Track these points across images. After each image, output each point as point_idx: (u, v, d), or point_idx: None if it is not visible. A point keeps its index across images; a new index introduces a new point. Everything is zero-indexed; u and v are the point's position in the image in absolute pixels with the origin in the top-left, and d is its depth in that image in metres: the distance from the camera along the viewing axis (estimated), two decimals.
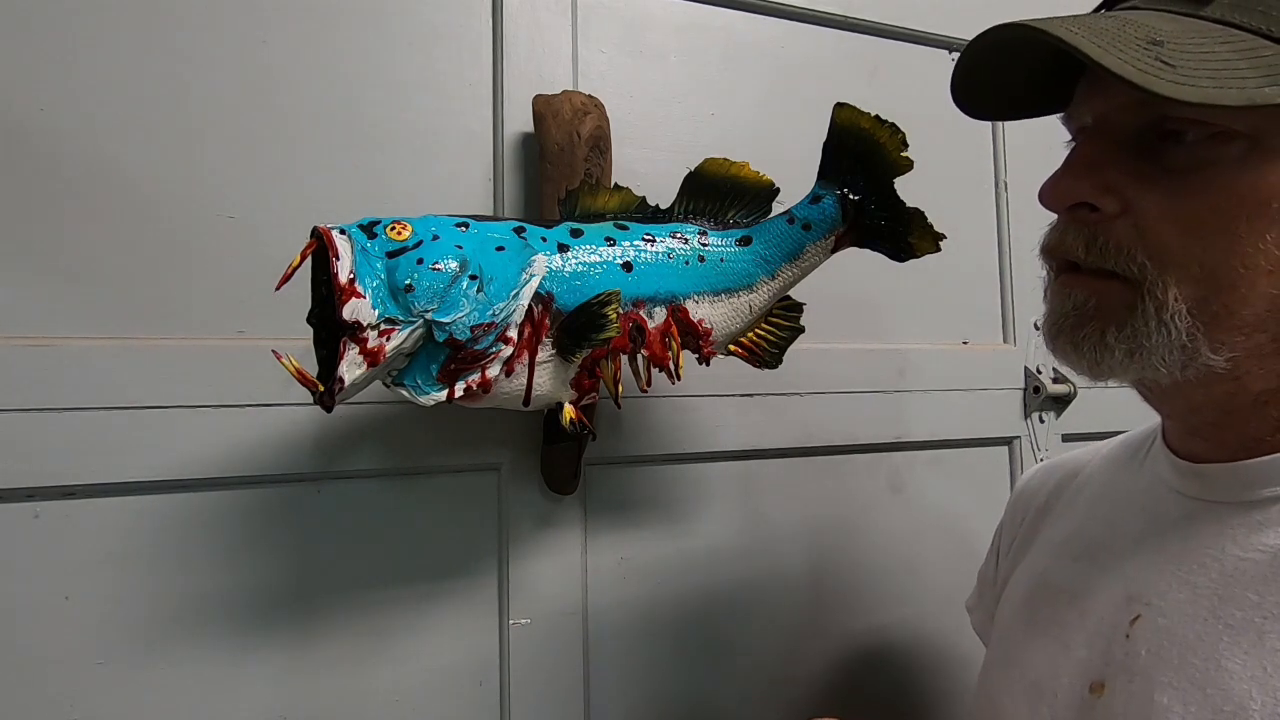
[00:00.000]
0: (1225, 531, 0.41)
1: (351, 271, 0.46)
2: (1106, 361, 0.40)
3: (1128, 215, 0.39)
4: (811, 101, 0.77)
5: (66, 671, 0.56)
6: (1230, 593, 0.39)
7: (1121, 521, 0.48)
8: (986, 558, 0.64)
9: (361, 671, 0.63)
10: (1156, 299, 0.38)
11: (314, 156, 0.64)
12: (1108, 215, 0.39)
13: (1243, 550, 0.39)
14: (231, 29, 0.63)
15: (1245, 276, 0.37)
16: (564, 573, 0.69)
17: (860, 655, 0.81)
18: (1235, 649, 0.37)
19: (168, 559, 0.58)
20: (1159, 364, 0.39)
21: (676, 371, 0.56)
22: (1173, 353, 0.39)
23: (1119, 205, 0.39)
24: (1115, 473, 0.52)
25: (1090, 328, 0.41)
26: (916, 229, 0.58)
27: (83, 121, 0.58)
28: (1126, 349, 0.39)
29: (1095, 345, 0.40)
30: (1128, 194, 0.39)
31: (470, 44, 0.70)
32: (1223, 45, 0.36)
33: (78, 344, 0.57)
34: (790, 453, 0.79)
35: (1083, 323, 0.41)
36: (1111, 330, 0.40)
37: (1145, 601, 0.42)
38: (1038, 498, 0.58)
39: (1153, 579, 0.42)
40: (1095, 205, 0.40)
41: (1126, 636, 0.42)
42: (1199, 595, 0.40)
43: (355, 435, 0.63)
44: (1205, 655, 0.38)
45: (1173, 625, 0.40)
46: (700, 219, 0.59)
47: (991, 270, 0.91)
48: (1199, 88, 0.34)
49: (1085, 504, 0.53)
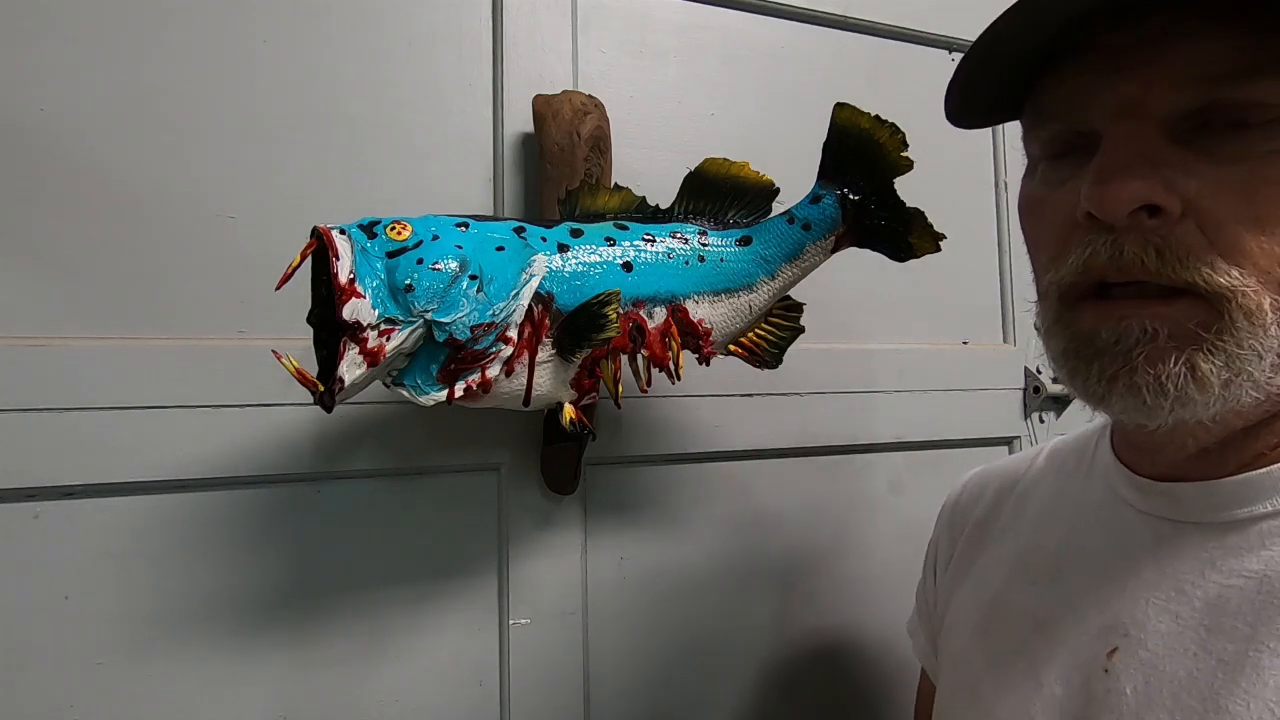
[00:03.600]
0: (1202, 555, 0.38)
1: (351, 271, 0.46)
2: (1198, 400, 0.34)
3: (1190, 216, 0.34)
4: (811, 101, 0.77)
5: (66, 671, 0.56)
6: (1218, 623, 0.36)
7: (1080, 540, 0.45)
8: (922, 577, 0.60)
9: (361, 671, 0.63)
10: (1247, 310, 0.33)
11: (314, 156, 0.64)
12: (1171, 218, 0.34)
13: (1225, 577, 0.36)
14: (231, 29, 0.62)
15: None
16: (564, 573, 0.69)
17: (861, 655, 0.81)
18: (1234, 688, 0.34)
19: (167, 559, 0.58)
20: (1249, 389, 0.34)
21: (676, 371, 0.55)
22: (1265, 373, 0.33)
23: (1181, 206, 0.34)
24: (1061, 484, 0.49)
25: (1175, 362, 0.33)
26: (916, 229, 0.58)
27: (82, 121, 0.58)
28: (1224, 379, 0.33)
29: (1186, 382, 0.33)
30: (1188, 192, 0.33)
31: (470, 44, 0.70)
32: None
33: (78, 344, 0.57)
34: (790, 453, 0.79)
35: (1160, 357, 0.34)
36: (1203, 358, 0.33)
37: (1123, 632, 0.39)
38: (974, 510, 0.54)
39: (1127, 607, 0.39)
40: (1160, 206, 0.33)
41: (1105, 671, 0.39)
42: (1183, 626, 0.37)
43: (355, 435, 0.63)
44: (1201, 696, 0.35)
45: (1157, 660, 0.37)
46: (700, 219, 0.59)
47: (991, 270, 0.91)
48: None
49: (1032, 518, 0.49)
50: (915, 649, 0.60)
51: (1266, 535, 0.36)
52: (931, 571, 0.59)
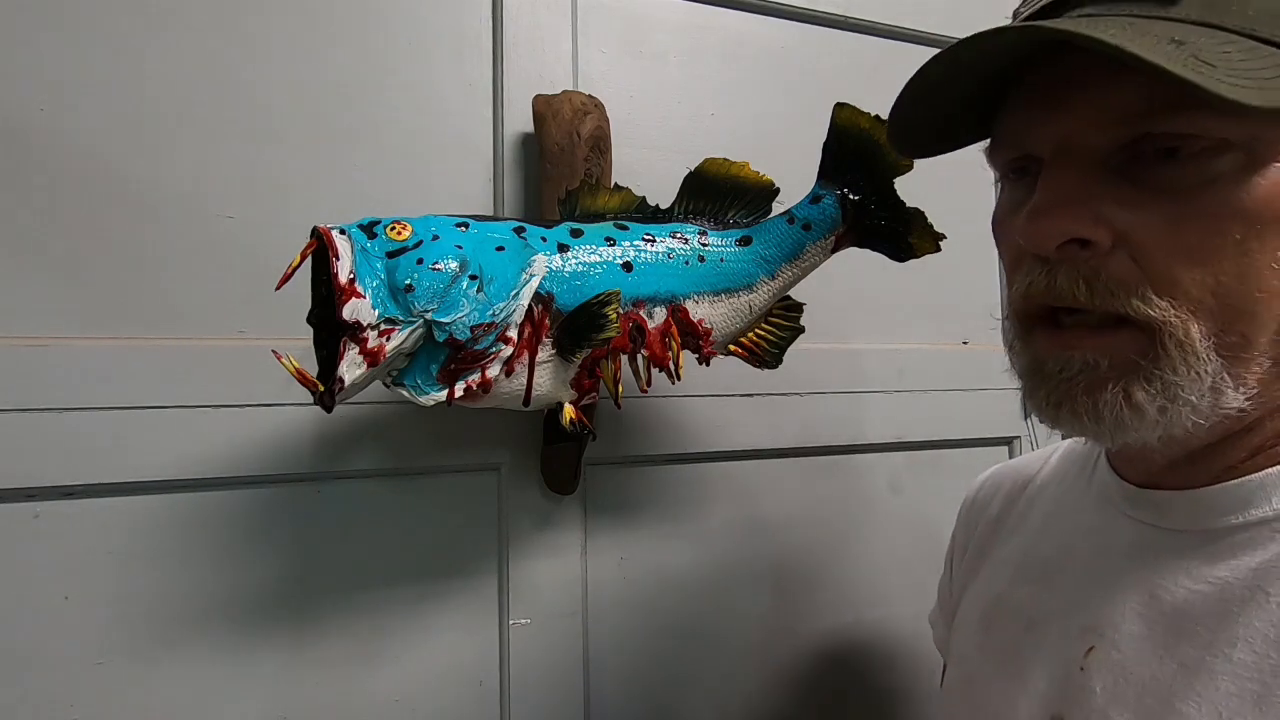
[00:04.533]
0: (1178, 562, 0.38)
1: (351, 271, 0.46)
2: (1135, 425, 0.35)
3: (1121, 248, 0.35)
4: (811, 101, 0.77)
5: (66, 671, 0.56)
6: (1182, 628, 0.37)
7: (1072, 543, 0.46)
8: (944, 571, 0.62)
9: (361, 671, 0.63)
10: (1178, 340, 0.34)
11: (314, 156, 0.64)
12: (1100, 250, 0.35)
13: (1194, 583, 0.37)
14: (232, 29, 0.63)
15: (1262, 300, 0.34)
16: (564, 573, 0.69)
17: (861, 655, 0.81)
18: (1189, 691, 0.35)
19: (167, 559, 0.58)
20: (1189, 415, 0.35)
21: (676, 371, 0.56)
22: (1204, 399, 0.34)
23: (1112, 238, 0.35)
24: (1066, 488, 0.50)
25: (1112, 390, 0.35)
26: (916, 229, 0.58)
27: (82, 121, 0.58)
28: (1159, 406, 0.34)
29: (1121, 409, 0.35)
30: (1118, 224, 0.35)
31: (470, 44, 0.70)
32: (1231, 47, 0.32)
33: (78, 344, 0.57)
34: (790, 453, 0.79)
35: (1098, 386, 0.36)
36: (1139, 387, 0.35)
37: (1099, 633, 0.40)
38: (989, 509, 0.56)
39: (1105, 609, 0.40)
40: (1088, 240, 0.35)
41: (1081, 669, 0.40)
42: (1152, 630, 0.38)
43: (355, 435, 0.63)
44: (1160, 697, 0.36)
45: (1126, 660, 0.38)
46: (700, 219, 0.59)
47: (991, 270, 0.91)
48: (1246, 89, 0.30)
49: (1037, 520, 0.51)
50: (935, 639, 0.62)
51: (1239, 545, 0.37)
52: (949, 566, 0.60)
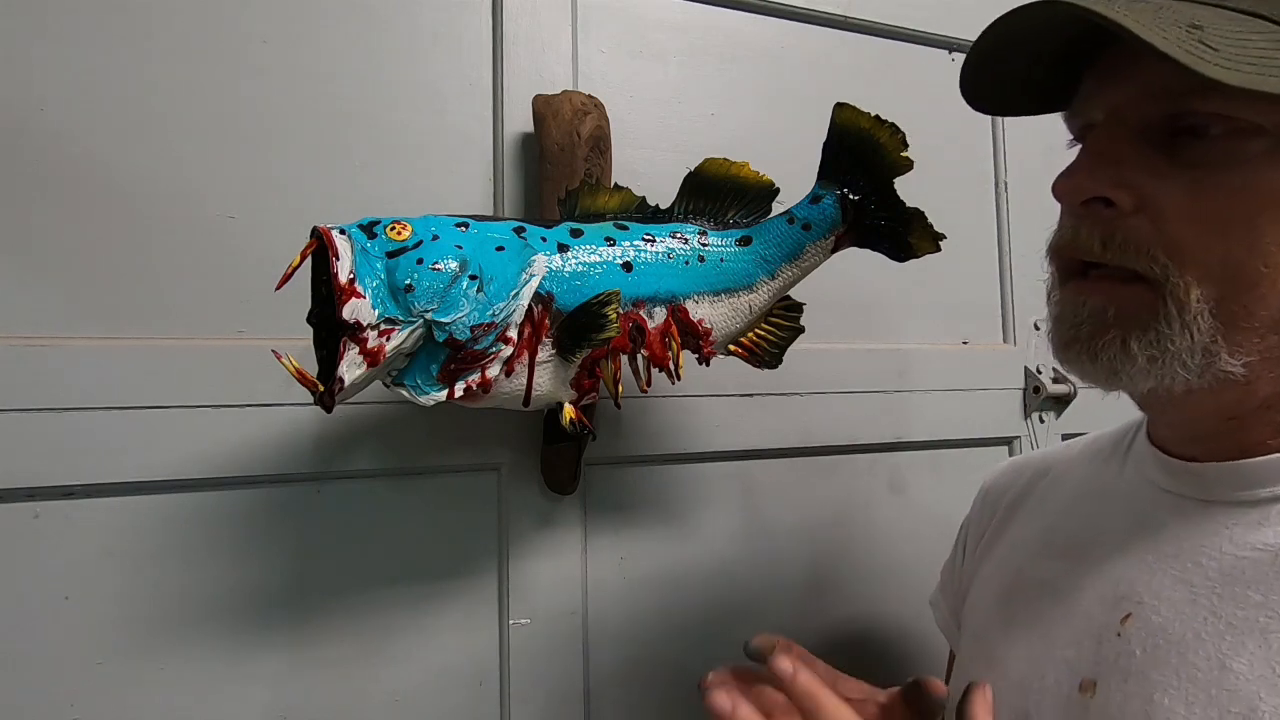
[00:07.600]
0: (1222, 531, 0.40)
1: (351, 271, 0.46)
2: (1126, 370, 0.39)
3: (1144, 212, 0.38)
4: (811, 101, 0.77)
5: (66, 671, 0.56)
6: (1230, 591, 0.38)
7: (1105, 519, 0.47)
8: (951, 553, 0.63)
9: (361, 671, 0.63)
10: (1178, 300, 0.37)
11: (313, 156, 0.64)
12: (1123, 211, 0.38)
13: (1240, 549, 0.39)
14: (231, 29, 0.62)
15: (1267, 276, 0.36)
16: (564, 573, 0.69)
17: (861, 655, 0.81)
18: (1241, 649, 0.36)
19: (167, 559, 0.58)
20: (1179, 369, 0.38)
21: (676, 371, 0.55)
22: (1195, 357, 0.37)
23: (1135, 201, 0.38)
24: (1093, 471, 0.51)
25: (1111, 335, 0.39)
26: (916, 229, 0.58)
27: (82, 121, 0.58)
28: (1149, 355, 0.38)
29: (1116, 353, 0.39)
30: (1144, 190, 0.38)
31: (470, 44, 0.70)
32: (1257, 35, 0.35)
33: (78, 344, 0.57)
34: (790, 453, 0.79)
35: (1101, 330, 0.39)
36: (1135, 336, 0.38)
37: (1137, 600, 0.41)
38: (1008, 495, 0.57)
39: (1144, 577, 0.42)
40: (1111, 200, 0.38)
41: (1118, 635, 0.41)
42: (1196, 594, 0.39)
43: (355, 435, 0.63)
44: (1207, 655, 0.37)
45: (1167, 623, 0.39)
46: (700, 219, 0.59)
47: (991, 270, 0.91)
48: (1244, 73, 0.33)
49: (1062, 501, 0.52)
50: (937, 619, 0.64)
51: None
52: (961, 549, 0.62)
